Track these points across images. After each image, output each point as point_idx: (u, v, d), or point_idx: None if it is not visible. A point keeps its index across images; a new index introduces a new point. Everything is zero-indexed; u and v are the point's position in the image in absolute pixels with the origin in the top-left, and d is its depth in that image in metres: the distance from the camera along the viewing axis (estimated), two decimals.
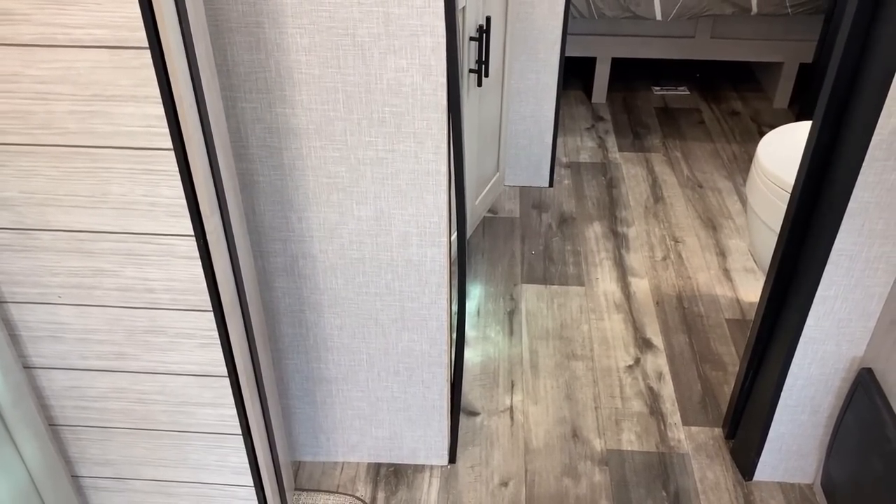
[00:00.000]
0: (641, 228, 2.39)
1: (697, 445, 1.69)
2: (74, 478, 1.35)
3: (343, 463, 1.65)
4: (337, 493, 1.58)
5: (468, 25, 1.85)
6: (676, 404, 1.79)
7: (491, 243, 2.32)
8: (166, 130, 0.94)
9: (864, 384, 1.36)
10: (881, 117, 1.14)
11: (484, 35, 1.93)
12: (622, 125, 2.98)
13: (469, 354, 1.92)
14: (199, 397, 1.22)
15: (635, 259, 2.26)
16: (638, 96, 3.21)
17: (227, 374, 1.19)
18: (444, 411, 1.56)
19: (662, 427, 1.73)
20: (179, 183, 0.99)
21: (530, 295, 2.12)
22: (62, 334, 1.16)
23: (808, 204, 1.32)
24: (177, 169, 0.97)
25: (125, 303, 1.12)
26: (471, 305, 2.08)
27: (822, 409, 1.48)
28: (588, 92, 3.21)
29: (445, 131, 1.20)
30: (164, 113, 0.93)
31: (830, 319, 1.35)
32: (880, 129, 1.15)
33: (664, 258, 2.26)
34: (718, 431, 1.72)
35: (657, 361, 1.91)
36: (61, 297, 1.11)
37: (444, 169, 1.24)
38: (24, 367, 1.19)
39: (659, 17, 2.72)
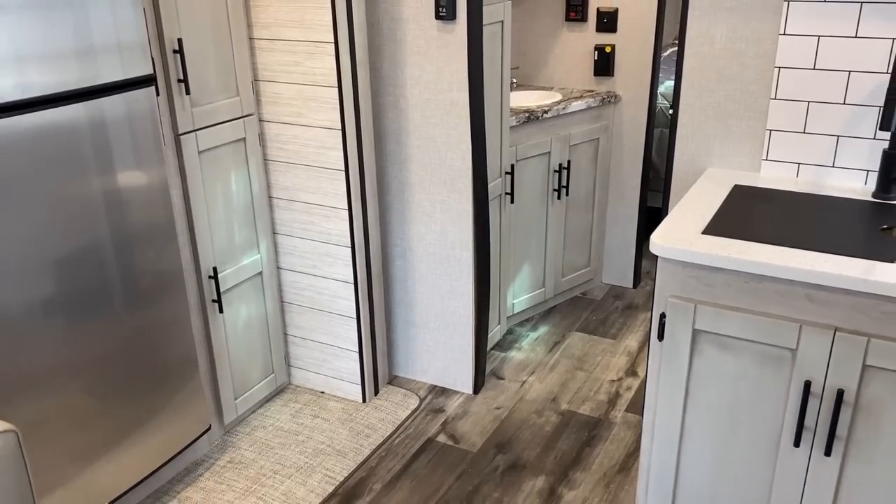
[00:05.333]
0: None
1: (626, 421, 2.65)
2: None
3: (418, 380, 2.91)
4: (406, 391, 2.84)
5: (552, 162, 3.17)
6: (628, 402, 2.76)
7: (568, 310, 3.46)
8: (342, 165, 2.43)
9: None
10: None
11: (564, 171, 3.23)
12: None
13: (516, 354, 3.09)
14: (340, 292, 2.63)
15: None
16: None
17: (353, 283, 2.58)
18: (472, 358, 2.77)
19: (611, 409, 2.73)
20: (345, 187, 2.46)
21: (576, 338, 3.22)
22: (294, 251, 2.66)
23: None
24: (345, 180, 2.45)
25: (319, 238, 2.59)
26: (534, 335, 3.25)
27: None
28: None
29: (471, 189, 2.54)
30: (343, 156, 2.42)
31: None
32: None
33: None
34: None
35: (633, 382, 2.89)
36: (295, 233, 2.62)
37: (471, 208, 2.56)
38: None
39: None
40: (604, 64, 3.36)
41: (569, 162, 3.21)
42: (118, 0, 1.91)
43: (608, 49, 3.34)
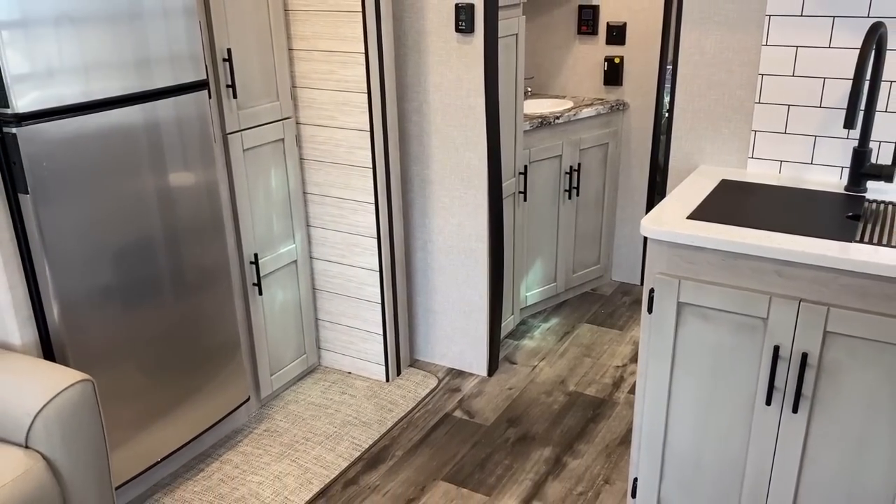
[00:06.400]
0: None
1: (628, 401, 2.87)
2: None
3: (437, 363, 3.15)
4: (426, 372, 3.08)
5: (563, 164, 3.41)
6: (631, 385, 2.98)
7: (578, 303, 3.69)
8: (370, 164, 2.69)
9: None
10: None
11: (575, 173, 3.47)
12: None
13: (528, 342, 3.32)
14: (366, 279, 2.88)
15: None
16: None
17: (378, 271, 2.84)
18: (486, 343, 3.01)
19: (615, 391, 2.95)
20: (372, 183, 2.72)
21: (585, 329, 3.45)
22: (326, 242, 2.92)
23: None
24: (372, 177, 2.71)
25: (348, 230, 2.85)
26: (545, 325, 3.48)
27: None
28: None
29: (486, 186, 2.78)
30: (370, 156, 2.68)
31: None
32: None
33: None
34: None
35: (637, 368, 3.11)
36: (327, 225, 2.88)
37: (486, 203, 2.81)
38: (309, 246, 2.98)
39: None
40: (613, 74, 3.61)
41: (579, 165, 3.45)
42: (177, 16, 2.19)
43: (617, 60, 3.58)
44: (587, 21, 3.61)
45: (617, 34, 3.56)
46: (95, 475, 1.87)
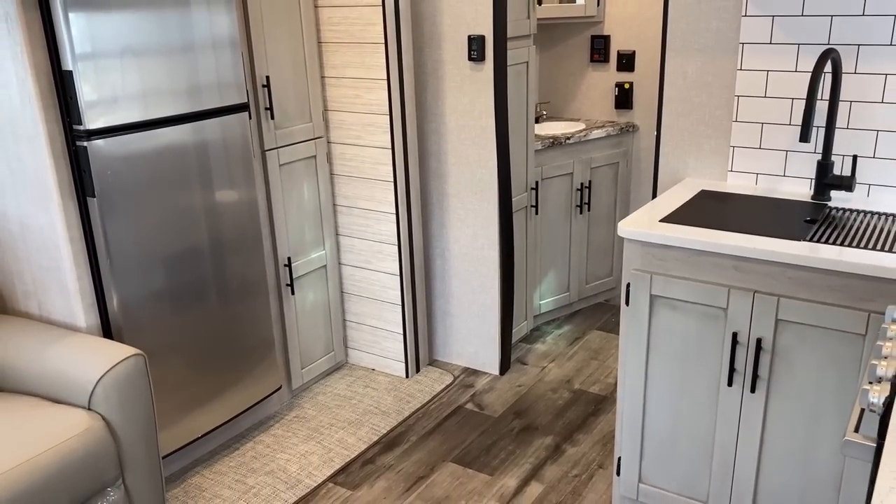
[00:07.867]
0: None
1: None
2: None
3: (453, 363, 3.42)
4: (443, 370, 3.35)
5: (575, 181, 3.67)
6: None
7: (590, 312, 3.92)
8: (392, 178, 3.00)
9: None
10: None
11: (586, 189, 3.73)
12: None
13: (540, 346, 3.57)
14: (389, 283, 3.18)
15: None
16: None
17: (399, 275, 3.14)
18: (498, 344, 3.27)
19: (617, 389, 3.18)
20: (393, 195, 3.03)
21: (594, 335, 3.68)
22: (353, 249, 3.23)
23: None
24: (393, 190, 3.02)
25: (373, 238, 3.16)
26: (557, 332, 3.72)
27: None
28: None
29: (497, 199, 3.07)
30: (392, 171, 3.00)
31: None
32: None
33: None
34: None
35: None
36: (354, 234, 3.20)
37: (497, 215, 3.09)
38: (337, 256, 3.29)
39: None
40: (623, 98, 3.87)
41: (590, 182, 3.72)
42: (223, 48, 2.54)
43: (627, 86, 3.85)
44: (599, 50, 3.89)
45: (627, 62, 3.83)
46: (145, 436, 2.18)
